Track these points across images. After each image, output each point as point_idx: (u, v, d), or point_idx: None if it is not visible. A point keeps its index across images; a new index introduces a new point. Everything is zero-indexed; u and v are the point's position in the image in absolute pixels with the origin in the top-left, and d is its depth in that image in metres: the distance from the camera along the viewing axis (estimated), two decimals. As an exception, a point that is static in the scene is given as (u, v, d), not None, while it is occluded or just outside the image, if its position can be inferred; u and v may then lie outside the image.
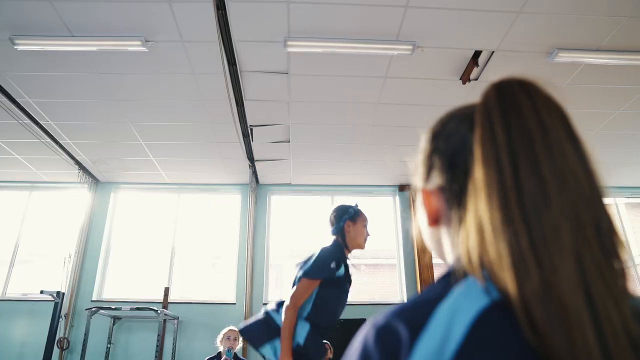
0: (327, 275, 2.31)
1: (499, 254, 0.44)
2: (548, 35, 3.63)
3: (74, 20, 3.45)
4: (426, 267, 6.19)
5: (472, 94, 4.40)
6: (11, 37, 3.60)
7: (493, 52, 3.82)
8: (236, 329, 4.01)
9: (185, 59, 3.94)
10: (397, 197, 6.85)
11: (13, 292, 6.10)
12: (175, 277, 6.33)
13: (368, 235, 2.56)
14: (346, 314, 2.85)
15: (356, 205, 2.58)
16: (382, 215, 6.95)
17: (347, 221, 2.49)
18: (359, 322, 5.87)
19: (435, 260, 6.52)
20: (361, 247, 2.53)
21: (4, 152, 5.63)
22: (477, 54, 3.85)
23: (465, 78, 4.07)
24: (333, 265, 2.33)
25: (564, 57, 3.86)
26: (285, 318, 2.23)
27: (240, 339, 3.99)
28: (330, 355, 4.55)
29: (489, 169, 0.47)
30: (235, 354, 3.91)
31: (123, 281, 6.36)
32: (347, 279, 2.45)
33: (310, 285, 2.29)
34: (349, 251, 2.49)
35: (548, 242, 0.42)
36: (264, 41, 3.77)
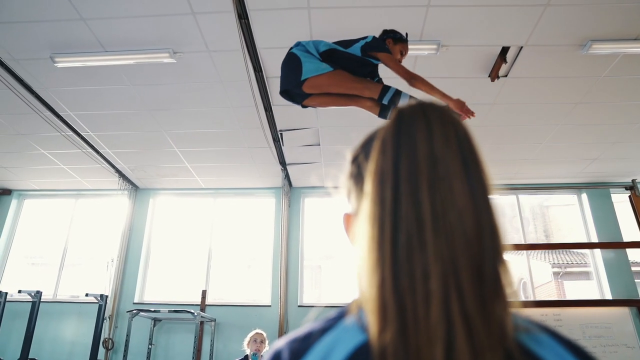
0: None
1: (368, 296, 0.43)
2: (579, 27, 3.47)
3: (106, 36, 3.62)
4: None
5: (502, 91, 4.28)
6: (51, 55, 3.82)
7: (522, 47, 3.70)
8: (263, 332, 4.07)
9: (213, 68, 4.04)
10: (431, 197, 6.72)
11: (63, 294, 6.46)
12: (213, 279, 6.50)
13: (399, 62, 2.65)
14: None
15: (405, 35, 2.69)
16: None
17: (391, 39, 2.63)
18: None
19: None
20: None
21: (51, 163, 5.97)
22: (504, 50, 3.74)
23: (494, 75, 3.97)
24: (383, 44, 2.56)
25: (599, 49, 3.68)
26: (419, 83, 2.42)
27: (267, 342, 4.04)
28: None
29: (374, 204, 0.45)
30: (261, 357, 3.97)
31: (163, 284, 6.59)
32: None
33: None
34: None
35: (414, 289, 0.40)
36: (288, 47, 3.80)
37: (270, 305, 6.10)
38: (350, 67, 2.56)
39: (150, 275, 6.62)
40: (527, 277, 6.59)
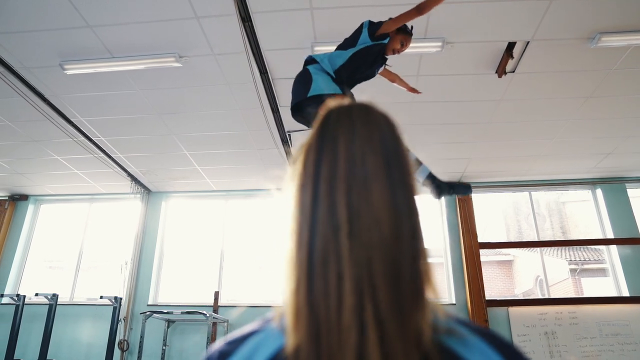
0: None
1: (285, 300, 0.43)
2: (587, 20, 3.41)
3: (112, 42, 3.68)
4: (474, 265, 6.00)
5: (509, 86, 4.23)
6: (61, 63, 3.90)
7: (528, 42, 3.65)
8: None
9: (219, 71, 4.07)
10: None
11: (79, 296, 6.58)
12: (225, 281, 6.55)
13: (397, 52, 2.64)
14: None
15: (411, 28, 2.67)
16: (427, 213, 6.81)
17: (396, 30, 2.60)
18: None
19: (484, 257, 6.32)
20: (385, 52, 2.64)
21: (65, 168, 6.08)
22: (511, 45, 3.69)
23: (500, 71, 3.92)
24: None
25: (608, 42, 3.61)
26: (426, 6, 2.37)
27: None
28: None
29: (295, 207, 0.45)
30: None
31: (177, 286, 6.67)
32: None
33: None
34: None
35: (327, 293, 0.40)
36: (292, 48, 3.83)
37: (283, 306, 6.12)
38: (369, 61, 2.56)
39: (164, 277, 6.69)
40: (542, 275, 6.50)
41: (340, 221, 0.42)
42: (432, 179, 2.36)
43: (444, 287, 6.36)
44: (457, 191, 2.45)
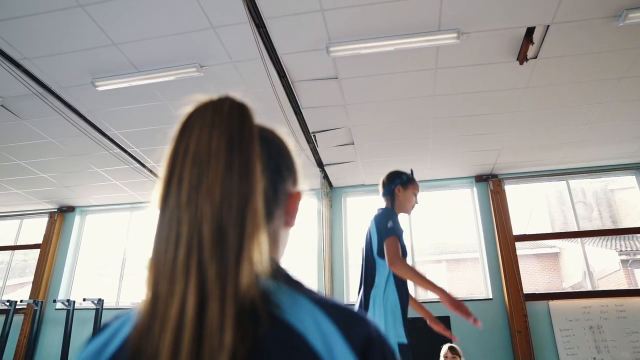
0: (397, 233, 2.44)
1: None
2: (610, -2, 3.27)
3: (136, 57, 3.86)
4: (510, 258, 5.83)
5: (533, 73, 4.10)
6: (92, 80, 4.13)
7: (548, 26, 3.53)
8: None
9: (239, 78, 4.19)
10: (475, 188, 6.54)
11: (124, 301, 6.90)
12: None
13: (416, 203, 2.63)
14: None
15: (411, 173, 2.64)
16: (460, 207, 6.69)
17: (399, 186, 2.60)
18: (441, 320, 5.71)
19: (527, 251, 6.13)
20: (407, 212, 2.63)
21: (105, 180, 6.41)
22: (530, 30, 3.58)
23: (522, 58, 3.81)
24: (390, 224, 2.45)
25: (636, 18, 3.43)
26: (400, 268, 2.30)
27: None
28: None
29: (159, 187, 0.52)
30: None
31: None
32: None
33: (396, 242, 2.40)
34: (396, 215, 2.59)
35: (167, 251, 0.47)
36: (308, 50, 3.88)
37: (317, 305, 6.17)
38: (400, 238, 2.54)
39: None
40: (584, 265, 6.23)
41: (183, 191, 0.50)
42: None
43: (480, 283, 6.22)
44: None
